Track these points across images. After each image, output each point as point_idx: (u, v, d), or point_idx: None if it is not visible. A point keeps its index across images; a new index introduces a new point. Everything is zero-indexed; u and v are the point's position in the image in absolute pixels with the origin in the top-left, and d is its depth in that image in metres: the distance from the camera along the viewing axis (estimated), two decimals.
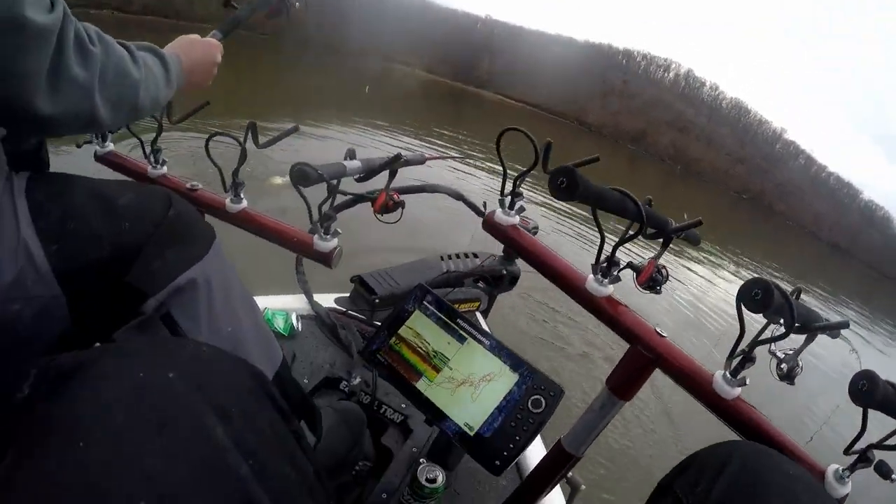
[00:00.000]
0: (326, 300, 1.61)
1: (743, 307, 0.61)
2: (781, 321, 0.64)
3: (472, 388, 0.81)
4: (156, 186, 0.74)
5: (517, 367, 0.82)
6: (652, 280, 0.87)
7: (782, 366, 0.71)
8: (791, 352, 0.71)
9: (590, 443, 0.79)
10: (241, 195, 1.02)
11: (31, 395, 0.40)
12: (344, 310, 1.58)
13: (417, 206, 1.37)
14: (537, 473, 0.85)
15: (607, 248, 0.74)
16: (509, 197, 0.83)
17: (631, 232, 0.74)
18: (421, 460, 0.93)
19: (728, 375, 0.66)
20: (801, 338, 0.70)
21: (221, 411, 0.39)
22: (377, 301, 1.56)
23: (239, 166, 0.99)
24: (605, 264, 0.73)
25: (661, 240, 0.79)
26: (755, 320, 0.65)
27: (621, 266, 0.83)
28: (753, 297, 0.60)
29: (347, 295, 1.65)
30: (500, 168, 0.85)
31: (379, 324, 1.19)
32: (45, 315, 0.60)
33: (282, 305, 1.50)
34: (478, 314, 1.83)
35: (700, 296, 6.90)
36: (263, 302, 1.47)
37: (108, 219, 0.64)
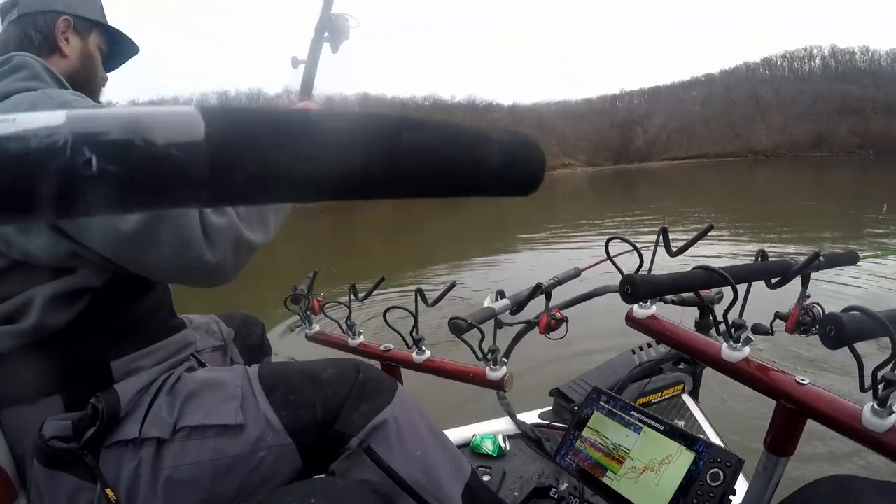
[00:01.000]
0: (531, 417, 1.73)
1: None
2: None
3: (653, 474, 0.86)
4: (348, 359, 1.00)
5: (692, 445, 0.85)
6: (801, 324, 0.87)
7: None
8: None
9: None
10: (423, 348, 1.24)
11: None
12: (548, 422, 1.68)
13: (600, 305, 1.46)
14: None
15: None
16: None
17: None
18: None
19: (875, 407, 0.63)
20: None
21: None
22: (576, 408, 1.64)
23: (413, 328, 1.22)
24: (732, 329, 0.77)
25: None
26: None
27: (771, 319, 0.85)
28: (828, 334, 0.59)
29: (550, 408, 1.76)
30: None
31: None
32: (282, 458, 0.87)
33: (490, 430, 1.65)
34: (684, 397, 1.78)
35: None
36: (472, 430, 1.64)
37: (316, 390, 0.91)
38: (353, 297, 1.35)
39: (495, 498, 1.01)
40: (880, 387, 0.62)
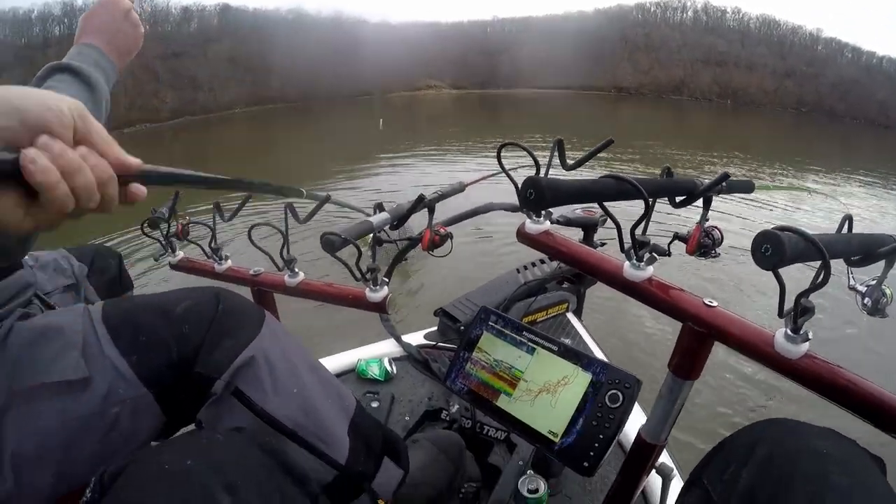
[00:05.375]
0: (417, 338, 1.69)
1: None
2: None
3: (550, 396, 0.84)
4: (206, 287, 0.84)
5: (589, 366, 0.83)
6: (702, 246, 0.86)
7: (866, 300, 0.66)
8: (874, 282, 0.66)
9: (668, 429, 0.78)
10: (296, 269, 1.11)
11: (92, 497, 0.52)
12: (434, 343, 1.65)
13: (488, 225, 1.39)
14: (627, 468, 0.85)
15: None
16: None
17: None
18: (528, 471, 0.96)
19: (789, 333, 0.61)
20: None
21: (230, 486, 0.50)
22: (462, 328, 1.62)
23: (283, 248, 1.08)
24: (637, 247, 0.71)
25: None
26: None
27: (669, 240, 0.83)
28: (764, 253, 0.53)
29: (436, 328, 1.72)
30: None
31: None
32: (139, 412, 0.73)
33: (375, 353, 1.59)
34: (569, 315, 1.82)
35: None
36: (357, 354, 1.58)
37: (170, 327, 0.76)
38: (217, 217, 1.18)
39: (383, 429, 0.95)
40: (794, 313, 0.59)
